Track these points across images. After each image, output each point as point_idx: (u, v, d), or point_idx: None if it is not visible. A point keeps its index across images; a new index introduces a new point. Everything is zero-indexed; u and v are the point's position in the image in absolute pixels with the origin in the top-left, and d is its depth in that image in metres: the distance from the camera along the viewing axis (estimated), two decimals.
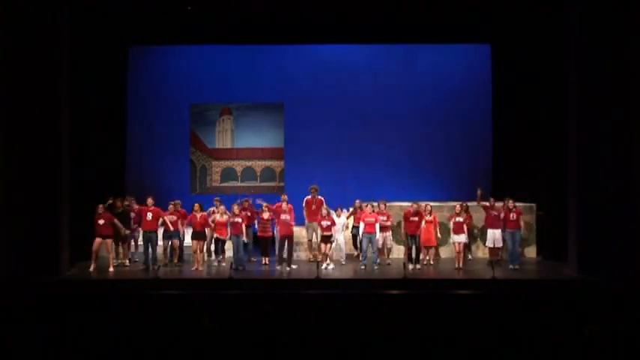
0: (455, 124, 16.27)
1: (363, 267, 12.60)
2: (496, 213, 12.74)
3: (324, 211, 12.57)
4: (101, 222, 12.34)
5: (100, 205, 12.41)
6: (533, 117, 15.01)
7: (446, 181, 15.77)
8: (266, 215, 13.02)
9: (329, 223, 12.55)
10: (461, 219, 12.67)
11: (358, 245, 13.20)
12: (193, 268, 12.58)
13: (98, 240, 12.32)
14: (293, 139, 16.54)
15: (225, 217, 12.51)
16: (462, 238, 12.68)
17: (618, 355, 5.38)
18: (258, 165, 16.58)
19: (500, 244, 12.82)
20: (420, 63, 16.53)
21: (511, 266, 12.69)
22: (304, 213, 13.29)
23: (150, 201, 12.56)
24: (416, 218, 12.55)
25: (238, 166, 16.58)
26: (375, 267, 12.47)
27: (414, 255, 12.78)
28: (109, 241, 12.37)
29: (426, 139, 16.29)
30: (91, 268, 12.26)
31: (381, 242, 12.92)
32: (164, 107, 16.38)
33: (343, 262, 13.04)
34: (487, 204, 12.86)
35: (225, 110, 16.69)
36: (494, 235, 12.80)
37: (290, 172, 16.53)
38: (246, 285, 11.22)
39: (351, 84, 16.33)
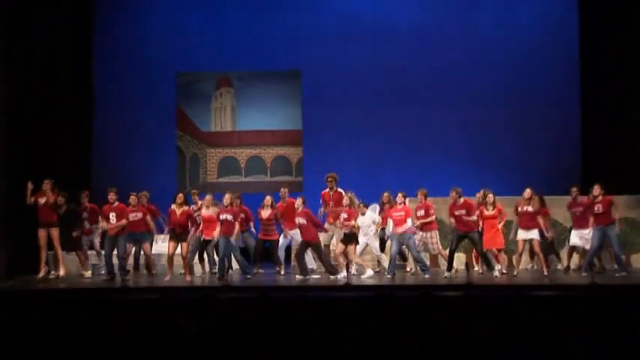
0: (529, 100, 14.61)
1: (390, 276, 11.32)
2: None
3: (345, 200, 11.19)
4: (42, 201, 11.25)
5: (47, 181, 11.29)
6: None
7: (516, 174, 13.86)
8: (266, 213, 11.74)
9: (346, 215, 11.09)
10: (531, 208, 11.18)
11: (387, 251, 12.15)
12: (166, 279, 11.26)
13: (42, 233, 11.28)
14: (314, 119, 15.14)
15: (211, 210, 11.43)
16: (535, 234, 11.17)
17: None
18: (269, 153, 15.42)
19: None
20: (482, 16, 14.90)
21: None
22: (321, 210, 12.01)
23: (112, 196, 11.38)
24: (463, 211, 11.13)
25: (242, 155, 15.44)
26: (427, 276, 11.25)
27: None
28: (55, 230, 11.28)
29: (487, 117, 14.72)
30: (40, 275, 11.28)
31: (420, 245, 11.51)
32: (141, 78, 15.10)
33: (388, 275, 11.45)
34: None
35: (223, 81, 15.58)
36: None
37: (310, 163, 15.12)
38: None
39: (391, 46, 14.90)
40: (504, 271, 11.29)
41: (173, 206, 11.37)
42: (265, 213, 11.68)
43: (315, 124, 14.99)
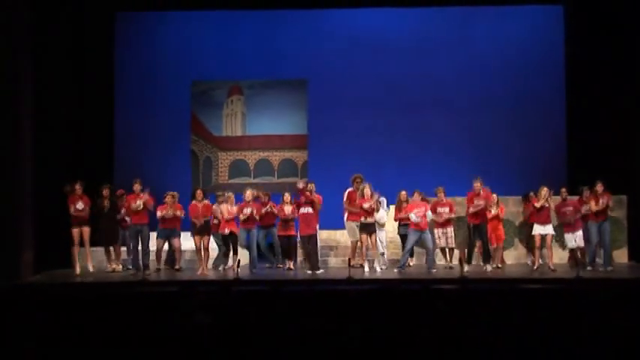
0: (520, 105, 14.81)
1: (396, 270, 11.48)
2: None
3: (367, 191, 11.35)
4: (80, 206, 11.35)
5: (79, 185, 11.53)
6: (619, 94, 13.64)
7: (510, 174, 14.29)
8: (288, 210, 11.67)
9: (372, 205, 11.38)
10: (548, 204, 11.50)
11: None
12: (199, 272, 11.39)
13: (76, 231, 11.41)
14: (319, 125, 15.18)
15: (235, 207, 11.58)
16: (551, 229, 11.49)
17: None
18: (276, 156, 15.43)
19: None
20: (477, 31, 15.00)
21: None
22: (346, 207, 12.03)
23: (137, 186, 11.55)
24: (482, 202, 11.40)
25: (251, 158, 15.44)
26: (434, 270, 11.39)
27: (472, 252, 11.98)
28: (87, 229, 11.43)
29: (483, 123, 14.89)
30: (77, 272, 11.46)
31: (442, 241, 11.83)
32: (159, 86, 15.15)
33: (384, 267, 11.83)
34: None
35: (234, 89, 15.52)
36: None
37: (315, 165, 15.11)
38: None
39: (392, 57, 14.93)
40: (499, 265, 11.75)
41: (194, 202, 11.56)
42: (288, 209, 11.69)
43: (320, 129, 15.06)
